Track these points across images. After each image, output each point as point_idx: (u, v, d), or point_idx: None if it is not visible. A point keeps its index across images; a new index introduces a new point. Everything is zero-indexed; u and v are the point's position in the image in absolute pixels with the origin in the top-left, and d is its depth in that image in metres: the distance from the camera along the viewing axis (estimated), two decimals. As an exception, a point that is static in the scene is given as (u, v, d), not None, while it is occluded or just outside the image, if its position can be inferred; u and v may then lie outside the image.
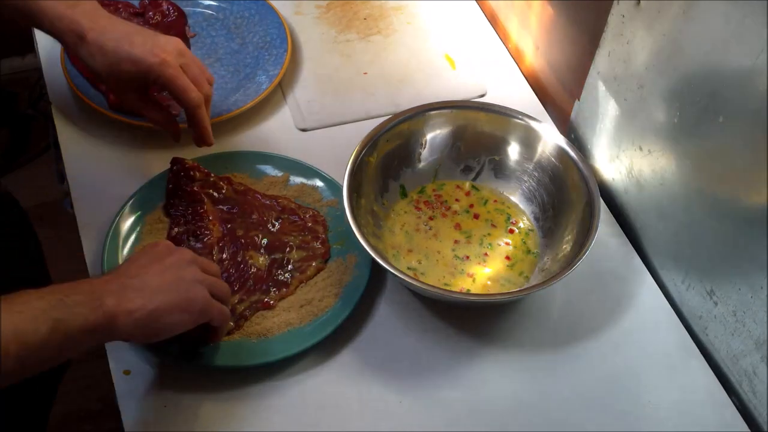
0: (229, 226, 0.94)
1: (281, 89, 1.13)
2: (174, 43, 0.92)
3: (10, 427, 1.11)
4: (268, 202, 0.97)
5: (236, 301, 0.89)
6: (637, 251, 0.99)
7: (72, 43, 0.89)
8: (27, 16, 0.89)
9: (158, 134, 1.04)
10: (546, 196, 0.99)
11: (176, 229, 0.94)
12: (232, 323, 0.87)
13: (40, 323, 0.66)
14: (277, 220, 0.96)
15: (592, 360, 0.90)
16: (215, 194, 0.97)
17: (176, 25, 1.15)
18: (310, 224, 0.96)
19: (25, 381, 0.66)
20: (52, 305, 0.67)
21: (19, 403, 1.12)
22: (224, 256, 0.92)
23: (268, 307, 0.90)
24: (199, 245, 0.92)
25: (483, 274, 0.95)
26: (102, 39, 0.88)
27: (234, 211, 0.96)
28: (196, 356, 0.85)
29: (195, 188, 0.96)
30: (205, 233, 0.93)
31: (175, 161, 0.98)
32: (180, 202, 0.95)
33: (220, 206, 0.96)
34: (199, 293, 0.78)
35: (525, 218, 1.00)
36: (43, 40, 1.13)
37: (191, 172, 0.97)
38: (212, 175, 0.98)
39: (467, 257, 0.96)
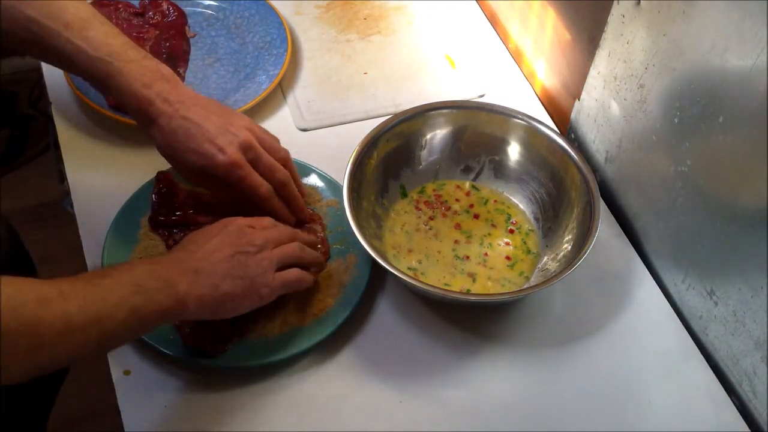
0: (228, 227, 0.94)
1: (281, 89, 1.13)
2: (246, 131, 0.88)
3: (10, 429, 1.11)
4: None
5: None
6: (637, 251, 1.00)
7: (141, 123, 0.88)
8: (104, 89, 0.89)
9: (158, 134, 1.04)
10: (546, 196, 0.99)
11: (176, 236, 0.94)
12: (245, 327, 0.87)
13: (119, 309, 0.70)
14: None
15: (592, 360, 0.90)
16: (204, 203, 0.96)
17: (176, 25, 1.15)
18: (308, 224, 0.96)
19: (26, 382, 0.66)
20: (132, 292, 0.72)
21: (19, 405, 1.12)
22: None
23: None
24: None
25: (483, 274, 0.95)
26: (172, 126, 0.86)
27: (227, 213, 0.95)
28: (199, 355, 0.85)
29: (181, 203, 0.95)
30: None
31: (159, 177, 0.96)
32: (168, 218, 0.95)
33: (212, 215, 0.95)
34: (265, 280, 0.81)
35: (525, 218, 1.00)
36: (43, 40, 1.13)
37: (174, 189, 0.96)
38: (197, 191, 0.97)
39: (467, 257, 0.96)
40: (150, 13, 1.15)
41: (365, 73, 1.17)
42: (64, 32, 0.84)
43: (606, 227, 1.01)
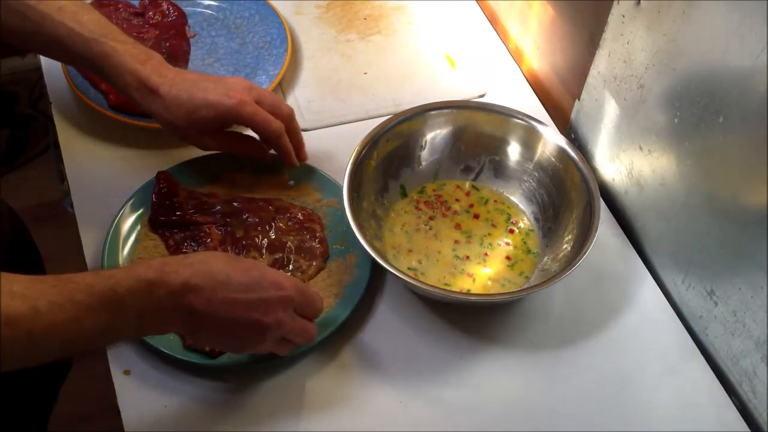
0: (227, 228, 0.94)
1: (281, 89, 1.13)
2: (242, 81, 0.93)
3: (10, 428, 1.11)
4: (261, 203, 0.97)
5: None
6: (637, 251, 0.99)
7: (143, 98, 0.90)
8: (99, 69, 0.91)
9: (158, 134, 1.04)
10: (546, 196, 0.99)
11: (176, 236, 0.94)
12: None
13: (93, 334, 0.67)
14: (273, 221, 0.96)
15: (592, 360, 0.90)
16: (203, 203, 0.97)
17: (176, 25, 1.15)
18: (306, 223, 0.96)
19: (26, 382, 0.66)
20: (116, 316, 0.68)
21: (20, 404, 1.12)
22: None
23: None
24: (201, 249, 0.92)
25: (483, 274, 0.95)
26: (174, 91, 0.90)
27: (227, 212, 0.96)
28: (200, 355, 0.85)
29: (181, 203, 0.95)
30: (205, 238, 0.93)
31: (159, 177, 0.97)
32: (168, 218, 0.95)
33: (213, 209, 0.96)
34: (267, 342, 0.78)
35: (525, 218, 1.00)
36: (43, 40, 1.13)
37: (174, 189, 0.96)
38: (197, 192, 0.98)
39: (467, 257, 0.96)
40: (150, 13, 1.15)
41: (365, 73, 1.17)
42: (57, 16, 0.87)
43: (606, 227, 1.01)
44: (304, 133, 1.08)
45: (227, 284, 0.74)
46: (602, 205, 0.97)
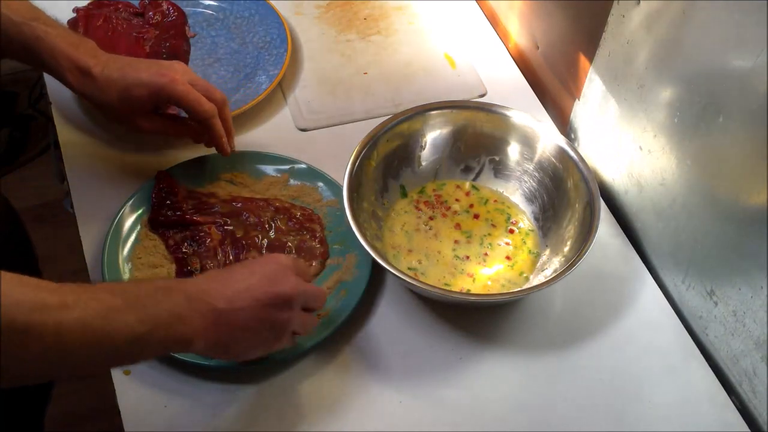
0: (226, 228, 0.94)
1: (281, 89, 1.13)
2: (176, 64, 0.93)
3: (5, 427, 1.11)
4: (261, 203, 0.97)
5: None
6: (637, 251, 0.99)
7: (76, 80, 0.91)
8: (31, 53, 0.90)
9: (161, 136, 1.04)
10: (546, 196, 0.99)
11: (176, 236, 0.94)
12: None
13: (120, 334, 0.66)
14: (273, 221, 0.96)
15: (592, 360, 0.90)
16: (203, 203, 0.97)
17: (176, 25, 1.15)
18: (306, 224, 0.96)
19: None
20: (138, 320, 0.67)
21: (13, 402, 1.12)
22: (229, 258, 0.92)
23: None
24: (201, 249, 0.92)
25: (483, 274, 0.95)
26: (108, 71, 0.90)
27: (227, 212, 0.96)
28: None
29: (180, 203, 0.95)
30: (205, 237, 0.93)
31: (160, 177, 0.97)
32: (168, 218, 0.95)
33: (213, 209, 0.96)
34: (283, 340, 0.79)
35: (525, 218, 1.00)
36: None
37: (174, 189, 0.96)
38: (197, 192, 0.98)
39: (467, 257, 0.96)
40: (150, 13, 1.15)
41: (365, 73, 1.17)
42: None
43: (606, 227, 1.01)
44: (303, 133, 1.09)
45: (242, 280, 0.75)
46: (602, 205, 0.97)
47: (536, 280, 0.94)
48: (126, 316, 0.66)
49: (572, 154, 0.96)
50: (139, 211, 0.96)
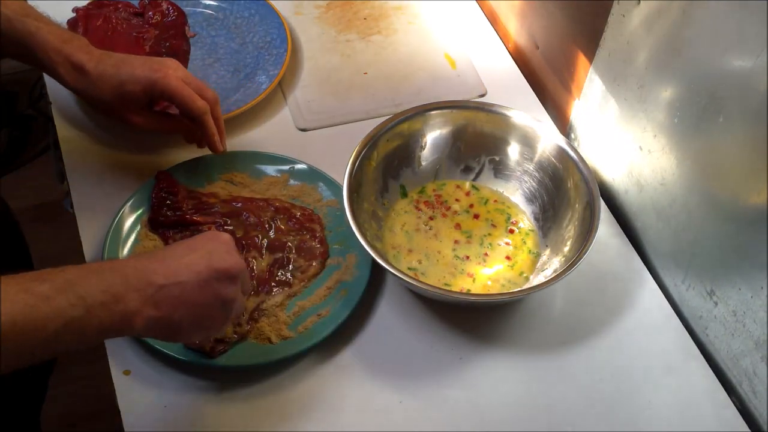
0: (226, 228, 0.94)
1: (281, 89, 1.13)
2: (170, 61, 0.94)
3: (3, 424, 1.11)
4: (261, 203, 0.97)
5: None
6: (637, 251, 0.99)
7: (69, 75, 0.91)
8: (23, 49, 0.91)
9: (158, 134, 1.04)
10: (546, 196, 0.99)
11: (176, 236, 0.94)
12: (247, 327, 0.87)
13: (52, 321, 0.63)
14: (273, 221, 0.96)
15: (592, 360, 0.90)
16: (203, 203, 0.97)
17: (176, 25, 1.15)
18: (306, 223, 0.96)
19: (14, 376, 0.65)
20: (70, 303, 0.64)
21: (10, 397, 1.12)
22: None
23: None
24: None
25: (483, 274, 0.95)
26: (101, 67, 0.90)
27: (227, 212, 0.96)
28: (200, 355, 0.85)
29: (180, 203, 0.95)
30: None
31: (160, 177, 0.97)
32: (168, 218, 0.95)
33: (213, 209, 0.96)
34: (225, 316, 0.75)
35: (525, 218, 1.00)
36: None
37: (174, 189, 0.96)
38: (197, 192, 0.98)
39: (467, 257, 0.96)
40: (150, 13, 1.15)
41: (365, 73, 1.17)
42: None
43: (606, 227, 1.01)
44: (303, 133, 1.09)
45: (182, 255, 0.73)
46: (602, 205, 0.97)
47: (536, 280, 0.94)
48: (56, 302, 0.63)
49: (572, 154, 0.96)
50: (139, 211, 0.96)
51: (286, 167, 1.01)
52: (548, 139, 0.99)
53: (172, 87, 0.91)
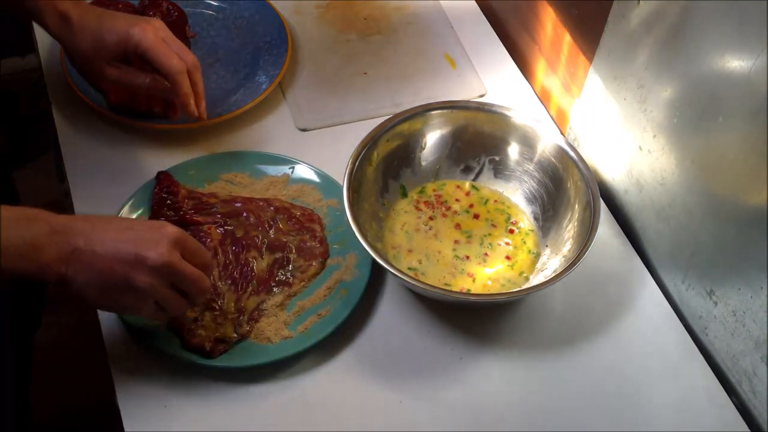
0: (226, 228, 0.94)
1: (281, 89, 1.13)
2: (156, 20, 0.94)
3: None
4: (261, 203, 0.97)
5: (243, 302, 0.89)
6: (637, 251, 0.99)
7: (54, 24, 0.92)
8: (20, 6, 0.91)
9: (158, 134, 1.04)
10: (546, 196, 0.99)
11: None
12: (247, 327, 0.87)
13: None
14: (273, 221, 0.96)
15: (591, 360, 0.90)
16: (203, 203, 0.97)
17: (176, 25, 1.15)
18: (306, 223, 0.96)
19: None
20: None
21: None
22: (229, 258, 0.92)
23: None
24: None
25: (483, 274, 0.95)
26: (85, 17, 0.92)
27: (227, 212, 0.96)
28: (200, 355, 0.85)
29: (180, 203, 0.95)
30: (205, 237, 0.93)
31: (160, 177, 0.97)
32: (168, 218, 0.94)
33: (213, 209, 0.96)
34: (132, 302, 0.77)
35: (525, 218, 1.00)
36: (43, 40, 1.13)
37: (174, 189, 0.96)
38: (197, 192, 0.98)
39: (467, 257, 0.96)
40: (150, 12, 1.15)
41: (365, 73, 1.17)
42: None
43: (606, 227, 1.01)
44: (303, 133, 1.09)
45: (114, 230, 0.76)
46: (602, 205, 0.97)
47: (536, 280, 0.94)
48: None
49: (572, 154, 0.96)
50: (139, 211, 0.96)
51: (286, 167, 1.02)
52: (548, 139, 0.99)
53: (149, 41, 0.91)
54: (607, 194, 1.04)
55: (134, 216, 0.95)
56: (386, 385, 0.87)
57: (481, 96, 1.15)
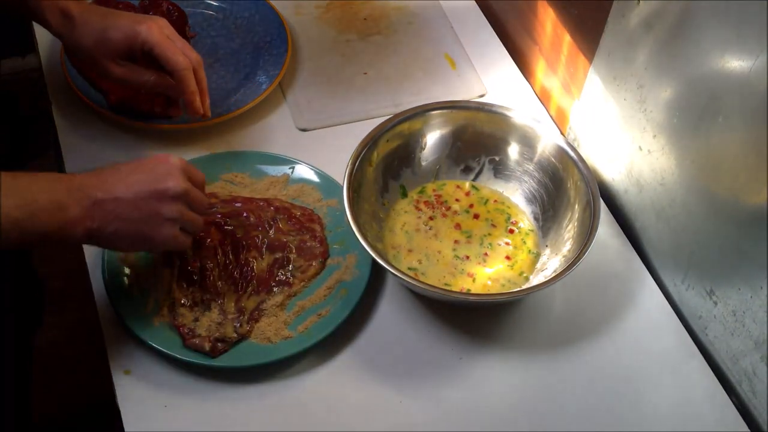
0: (226, 228, 0.94)
1: (281, 89, 1.13)
2: (159, 18, 0.95)
3: None
4: (261, 203, 0.97)
5: (243, 302, 0.89)
6: (637, 251, 1.00)
7: (56, 21, 0.92)
8: (20, 4, 0.91)
9: (158, 134, 1.04)
10: (546, 196, 0.99)
11: None
12: (247, 327, 0.87)
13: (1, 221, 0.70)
14: (273, 221, 0.96)
15: (591, 360, 0.90)
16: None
17: (177, 26, 1.15)
18: (306, 223, 0.96)
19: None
20: (16, 205, 0.71)
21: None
22: (229, 258, 0.92)
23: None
24: (201, 249, 0.92)
25: (483, 274, 0.95)
26: (87, 14, 0.92)
27: (227, 212, 0.96)
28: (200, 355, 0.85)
29: None
30: (205, 237, 0.93)
31: None
32: None
33: (213, 209, 0.96)
34: (165, 232, 0.80)
35: (525, 218, 1.01)
36: (43, 40, 1.13)
37: None
38: None
39: (467, 257, 0.96)
40: (150, 13, 1.15)
41: (365, 73, 1.17)
42: None
43: (606, 227, 1.01)
44: (303, 133, 1.09)
45: (125, 176, 0.79)
46: (602, 205, 0.97)
47: (536, 280, 0.94)
48: (4, 201, 0.70)
49: (572, 154, 0.96)
50: (139, 211, 0.95)
51: (286, 167, 1.02)
52: (548, 139, 0.99)
53: (154, 38, 0.91)
54: (607, 194, 1.04)
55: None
56: (386, 385, 0.87)
57: (481, 96, 1.15)
